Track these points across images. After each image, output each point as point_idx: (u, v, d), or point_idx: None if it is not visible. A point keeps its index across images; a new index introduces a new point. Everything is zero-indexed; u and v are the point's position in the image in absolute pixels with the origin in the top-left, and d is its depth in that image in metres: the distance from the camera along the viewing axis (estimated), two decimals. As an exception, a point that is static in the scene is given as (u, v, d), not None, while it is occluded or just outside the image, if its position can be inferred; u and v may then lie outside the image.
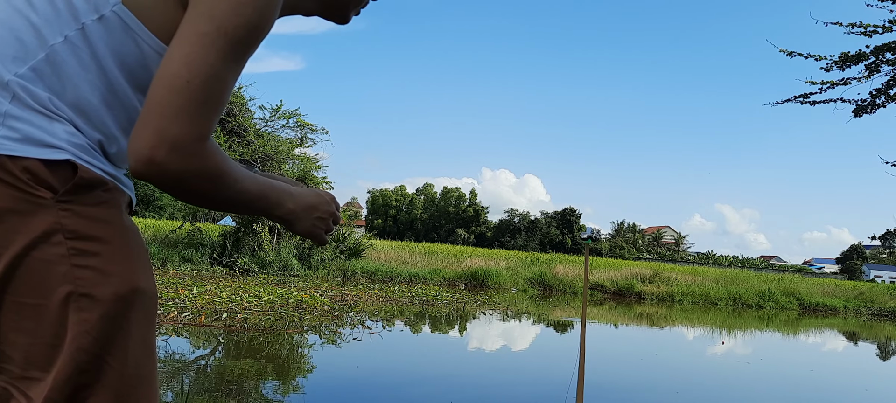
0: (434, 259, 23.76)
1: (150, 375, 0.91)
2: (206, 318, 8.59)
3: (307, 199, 1.08)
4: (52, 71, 0.85)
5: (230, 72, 0.88)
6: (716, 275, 26.40)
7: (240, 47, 0.87)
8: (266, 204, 1.02)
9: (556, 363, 8.53)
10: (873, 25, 6.07)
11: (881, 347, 15.17)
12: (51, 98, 0.85)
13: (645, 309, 18.68)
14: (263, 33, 0.90)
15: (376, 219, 73.05)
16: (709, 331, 14.65)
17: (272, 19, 0.91)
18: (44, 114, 0.84)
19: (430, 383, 6.79)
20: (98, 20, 0.87)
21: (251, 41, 0.89)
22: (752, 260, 71.96)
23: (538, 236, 66.25)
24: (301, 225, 1.07)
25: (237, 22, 0.86)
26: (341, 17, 1.17)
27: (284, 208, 1.04)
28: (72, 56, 0.86)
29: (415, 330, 10.86)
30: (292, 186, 1.08)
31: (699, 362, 10.30)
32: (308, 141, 19.37)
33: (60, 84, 0.86)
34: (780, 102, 7.09)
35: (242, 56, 0.89)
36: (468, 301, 15.36)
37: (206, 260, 16.82)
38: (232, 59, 0.87)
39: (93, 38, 0.87)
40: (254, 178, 1.00)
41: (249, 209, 1.00)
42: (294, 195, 1.06)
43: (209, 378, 5.85)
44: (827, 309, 23.34)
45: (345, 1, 1.14)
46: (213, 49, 0.85)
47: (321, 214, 1.09)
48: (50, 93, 0.86)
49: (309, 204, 1.08)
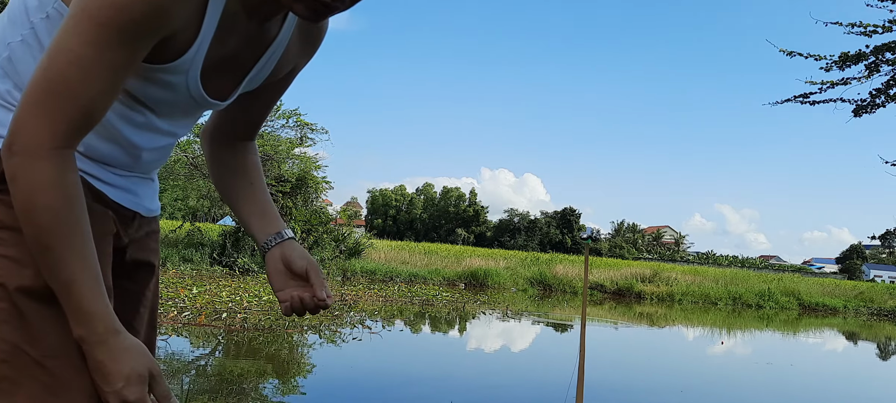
0: (434, 259, 23.75)
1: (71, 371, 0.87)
2: (205, 318, 8.59)
3: (104, 353, 0.84)
4: (13, 68, 0.92)
5: (99, 63, 0.79)
6: (716, 275, 26.39)
7: (109, 31, 0.78)
8: (66, 300, 0.84)
9: (556, 363, 8.53)
10: (873, 25, 6.07)
11: (881, 347, 15.17)
12: (10, 91, 0.91)
13: (645, 308, 18.67)
14: (143, 16, 0.79)
15: (376, 219, 73.03)
16: (709, 331, 14.65)
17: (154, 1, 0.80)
18: (4, 106, 0.91)
19: (430, 383, 6.79)
20: (45, 19, 0.90)
21: (124, 25, 0.78)
22: (751, 260, 71.97)
23: (538, 236, 66.25)
24: (90, 360, 0.86)
25: (101, 2, 0.78)
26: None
27: (76, 328, 0.84)
28: (26, 53, 0.91)
29: (414, 329, 10.85)
30: (112, 329, 0.85)
31: (699, 362, 10.30)
32: (308, 140, 19.39)
33: (19, 78, 0.91)
34: (780, 102, 7.09)
35: (115, 43, 0.79)
36: (468, 300, 15.36)
37: (206, 260, 16.82)
38: (100, 46, 0.79)
39: (41, 35, 0.91)
40: (86, 257, 0.83)
41: (53, 284, 0.84)
42: (97, 334, 0.84)
43: (209, 378, 5.84)
44: (827, 308, 23.34)
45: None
46: (76, 33, 0.78)
47: (100, 385, 0.86)
48: (11, 86, 0.92)
49: (98, 361, 0.85)
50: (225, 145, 1.22)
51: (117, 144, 0.99)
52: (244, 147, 1.22)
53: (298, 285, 1.10)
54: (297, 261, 1.10)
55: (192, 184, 18.73)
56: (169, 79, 0.93)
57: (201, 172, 17.67)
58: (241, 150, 1.22)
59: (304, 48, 1.10)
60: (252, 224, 1.17)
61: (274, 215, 1.17)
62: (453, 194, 74.62)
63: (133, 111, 0.97)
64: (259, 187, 1.21)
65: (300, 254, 1.12)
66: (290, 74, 1.15)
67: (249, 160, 1.22)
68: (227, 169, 1.21)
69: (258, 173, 1.23)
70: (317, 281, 1.08)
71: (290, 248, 1.12)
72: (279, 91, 1.19)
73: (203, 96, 0.99)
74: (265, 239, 1.14)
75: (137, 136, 1.00)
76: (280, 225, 1.16)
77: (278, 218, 1.18)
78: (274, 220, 1.17)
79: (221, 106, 1.06)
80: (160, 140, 1.04)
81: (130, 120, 0.97)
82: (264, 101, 1.19)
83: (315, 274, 1.09)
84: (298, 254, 1.11)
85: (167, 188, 24.21)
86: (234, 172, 1.21)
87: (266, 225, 1.16)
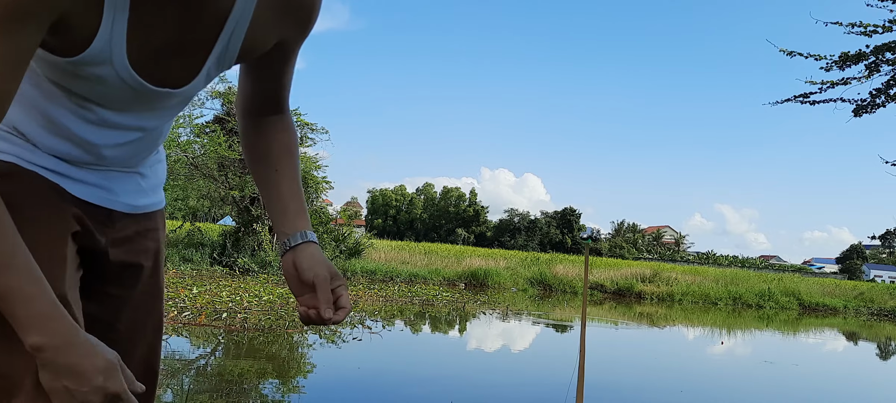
0: (434, 258, 23.75)
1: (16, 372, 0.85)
2: (205, 318, 8.59)
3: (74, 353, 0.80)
4: None
5: None
6: (716, 275, 26.38)
7: None
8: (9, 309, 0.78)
9: (556, 363, 8.52)
10: (873, 25, 6.08)
11: (881, 347, 15.17)
12: None
13: (645, 308, 18.67)
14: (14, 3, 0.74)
15: (376, 219, 73.04)
16: (709, 331, 14.65)
17: None
18: None
19: (430, 383, 6.78)
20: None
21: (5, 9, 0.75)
22: (751, 260, 71.99)
23: (538, 236, 66.27)
24: (45, 374, 0.81)
25: None
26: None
27: (29, 338, 0.79)
28: None
29: (415, 329, 10.85)
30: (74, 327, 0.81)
31: (699, 362, 10.30)
32: (308, 140, 19.37)
33: None
34: (780, 102, 7.10)
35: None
36: (468, 300, 15.36)
37: (206, 260, 16.82)
38: None
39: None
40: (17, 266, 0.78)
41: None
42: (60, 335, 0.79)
43: (209, 377, 5.84)
44: (827, 308, 23.33)
45: None
46: None
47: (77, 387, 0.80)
48: None
49: (70, 363, 0.79)
50: (253, 120, 1.14)
51: (71, 142, 0.94)
52: (271, 124, 1.13)
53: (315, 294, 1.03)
54: (305, 272, 1.03)
55: (193, 184, 18.70)
56: (93, 72, 0.87)
57: (201, 172, 17.66)
58: (268, 127, 1.13)
59: (283, 18, 0.98)
60: (274, 220, 1.10)
61: (294, 212, 1.09)
62: (453, 194, 74.65)
63: (81, 108, 0.92)
64: (284, 175, 1.11)
65: (310, 264, 1.04)
66: (282, 47, 1.04)
67: (276, 140, 1.12)
68: (253, 152, 1.14)
69: (286, 157, 1.12)
70: (321, 297, 1.01)
71: (302, 255, 1.04)
72: (279, 62, 1.07)
73: (145, 86, 0.91)
74: (282, 241, 1.07)
75: (91, 134, 0.95)
76: (297, 226, 1.07)
77: (299, 216, 1.09)
78: (293, 219, 1.08)
79: (184, 92, 0.97)
80: (123, 135, 0.98)
81: (80, 116, 0.93)
82: (272, 74, 1.09)
83: (321, 288, 1.01)
84: (308, 264, 1.04)
85: (167, 188, 24.16)
86: (259, 157, 1.13)
87: (284, 225, 1.08)
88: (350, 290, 14.54)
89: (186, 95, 0.99)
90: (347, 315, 1.04)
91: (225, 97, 17.34)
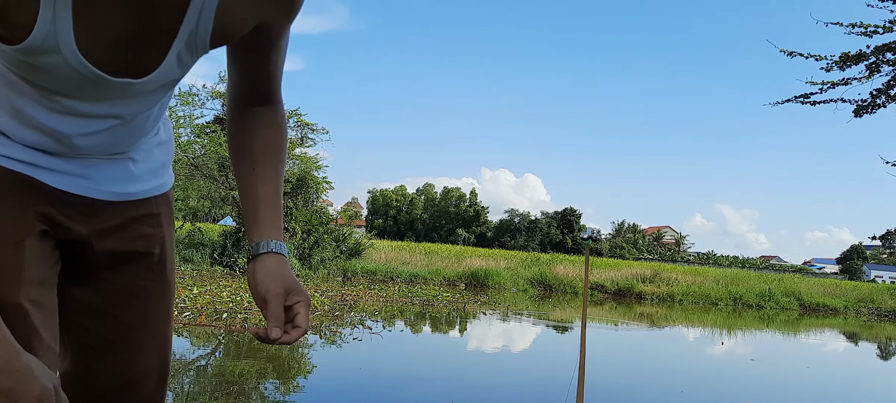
0: (434, 259, 23.75)
1: None
2: (206, 318, 8.59)
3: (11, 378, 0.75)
4: None
5: None
6: (716, 275, 26.38)
7: None
8: None
9: (557, 363, 8.52)
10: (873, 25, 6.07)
11: (881, 347, 15.16)
12: None
13: (645, 309, 18.67)
14: None
15: (376, 219, 73.06)
16: (709, 331, 14.65)
17: None
18: None
19: (430, 383, 6.79)
20: None
21: None
22: (752, 261, 71.97)
23: (538, 236, 66.27)
24: None
25: None
26: None
27: None
28: None
29: (415, 330, 10.85)
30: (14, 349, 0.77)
31: (700, 362, 10.30)
32: (308, 141, 19.40)
33: None
34: (780, 102, 7.10)
35: None
36: (468, 301, 15.36)
37: (207, 260, 16.82)
38: None
39: None
40: None
41: None
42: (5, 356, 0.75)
43: (210, 378, 5.84)
44: (827, 309, 23.33)
45: None
46: None
47: None
48: None
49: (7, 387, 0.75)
50: (240, 111, 1.07)
51: (41, 132, 0.91)
52: (258, 117, 1.07)
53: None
54: (258, 286, 0.96)
55: (193, 184, 18.73)
56: (42, 62, 0.83)
57: (201, 172, 17.67)
58: (254, 120, 1.06)
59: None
60: (245, 223, 1.04)
61: (264, 219, 1.02)
62: (454, 194, 74.68)
63: (46, 98, 0.88)
64: (260, 177, 1.04)
65: (263, 277, 0.97)
66: (265, 30, 0.96)
67: (259, 137, 1.06)
68: (234, 146, 1.08)
69: (267, 157, 1.06)
70: (269, 314, 0.94)
71: (259, 267, 0.98)
72: (264, 47, 1.00)
73: (101, 76, 0.85)
74: (250, 247, 1.01)
75: (59, 123, 0.91)
76: (264, 235, 1.01)
77: (269, 224, 1.02)
78: (261, 226, 1.02)
79: (149, 81, 0.90)
80: (95, 124, 0.93)
81: (46, 106, 0.89)
82: (258, 60, 1.02)
83: (271, 305, 0.94)
84: (262, 277, 0.97)
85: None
86: (239, 153, 1.07)
87: (251, 231, 1.02)
88: (350, 290, 14.57)
89: (154, 83, 0.91)
90: (302, 335, 0.95)
91: (225, 97, 17.35)
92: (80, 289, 1.04)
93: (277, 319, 0.93)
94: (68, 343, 1.06)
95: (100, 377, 1.07)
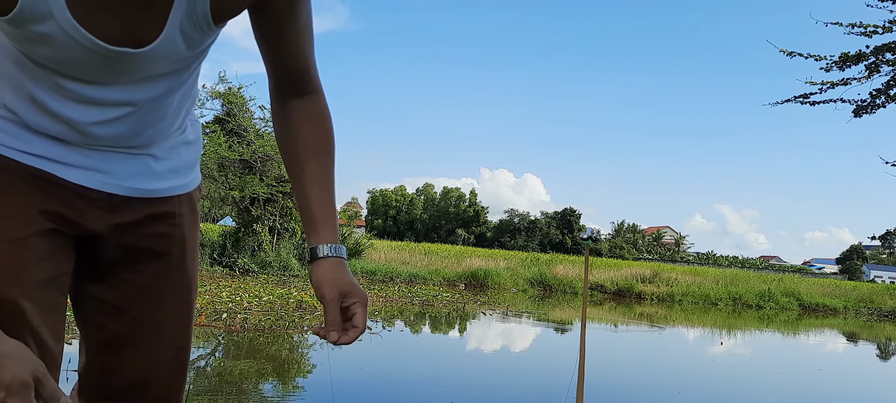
0: (434, 259, 23.75)
1: None
2: (206, 318, 8.59)
3: None
4: None
5: None
6: (716, 276, 26.40)
7: None
8: None
9: (556, 363, 8.53)
10: (873, 25, 6.07)
11: (881, 347, 15.16)
12: None
13: (645, 309, 18.67)
14: None
15: (376, 219, 73.05)
16: (709, 331, 14.65)
17: None
18: None
19: (430, 383, 6.79)
20: None
21: None
22: (752, 261, 71.95)
23: (538, 236, 66.27)
24: None
25: None
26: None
27: None
28: None
29: (415, 330, 10.86)
30: None
31: (699, 363, 10.30)
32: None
33: None
34: (780, 102, 7.10)
35: None
36: (468, 301, 15.36)
37: (206, 260, 16.82)
38: None
39: None
40: None
41: None
42: None
43: (209, 378, 5.84)
44: (827, 309, 23.34)
45: None
46: None
47: None
48: None
49: None
50: (277, 104, 1.06)
51: (55, 120, 0.90)
52: (297, 110, 1.05)
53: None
54: (317, 290, 1.01)
55: (193, 184, 18.77)
56: (38, 31, 0.81)
57: (201, 173, 17.68)
58: (293, 115, 1.05)
59: None
60: (303, 225, 1.06)
61: (320, 220, 1.03)
62: (453, 194, 74.66)
63: (56, 83, 0.88)
64: (311, 177, 1.04)
65: (319, 282, 1.01)
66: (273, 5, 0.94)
67: (301, 134, 1.04)
68: (282, 146, 1.07)
69: (314, 157, 1.05)
70: (327, 318, 0.99)
71: (318, 271, 1.01)
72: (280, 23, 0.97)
73: (99, 44, 0.83)
74: (309, 250, 1.04)
75: (71, 111, 0.90)
76: (320, 238, 1.03)
77: (323, 226, 1.03)
78: (318, 228, 1.03)
79: (150, 52, 0.87)
80: (107, 112, 0.92)
81: (57, 92, 0.88)
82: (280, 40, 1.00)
83: (328, 309, 0.99)
84: (318, 282, 1.01)
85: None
86: (287, 153, 1.06)
87: (308, 234, 1.04)
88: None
89: (158, 58, 0.89)
90: (360, 334, 1.00)
91: (225, 97, 17.35)
92: (97, 287, 1.04)
93: (333, 322, 0.99)
94: (86, 340, 1.07)
95: (115, 375, 1.07)
